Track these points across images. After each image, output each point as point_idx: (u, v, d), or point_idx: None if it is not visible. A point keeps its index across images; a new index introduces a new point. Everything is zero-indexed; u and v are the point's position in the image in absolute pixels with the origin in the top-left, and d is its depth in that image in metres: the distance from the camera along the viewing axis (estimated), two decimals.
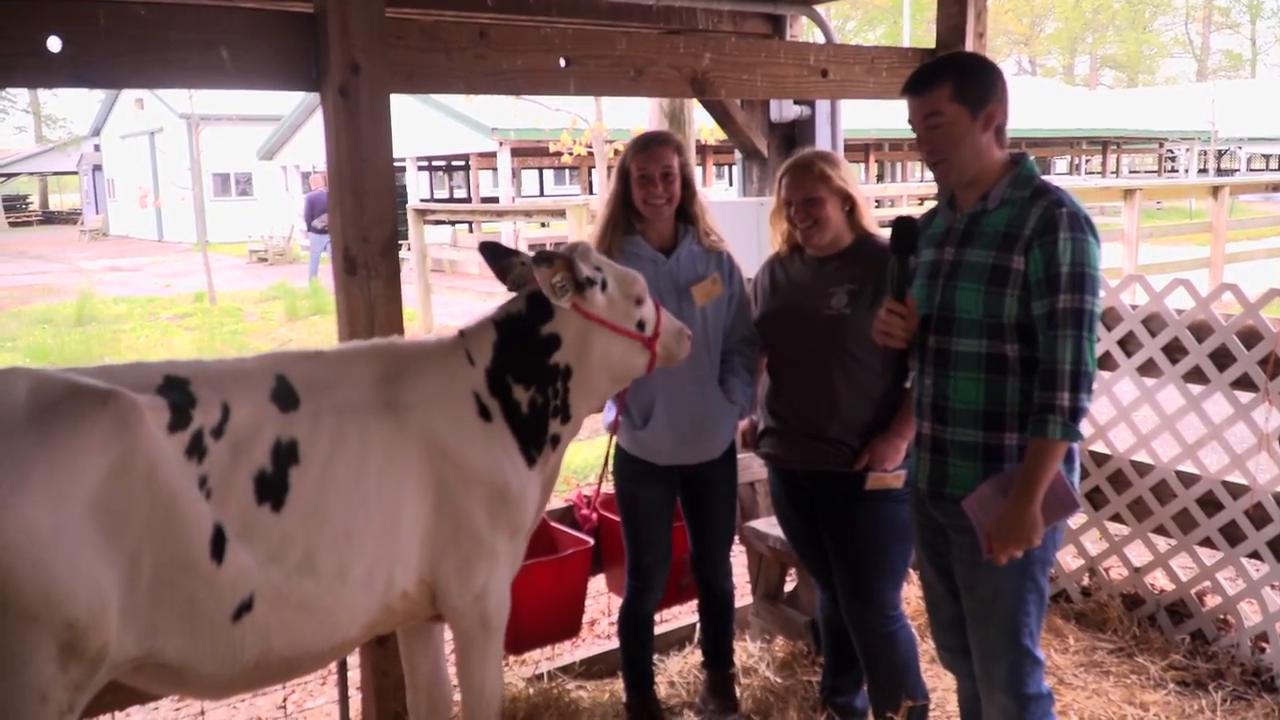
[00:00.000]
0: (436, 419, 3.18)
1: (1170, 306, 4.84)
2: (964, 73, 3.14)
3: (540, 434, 3.35)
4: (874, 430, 3.91)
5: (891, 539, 3.90)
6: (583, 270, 3.34)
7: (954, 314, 3.20)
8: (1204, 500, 4.79)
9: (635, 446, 4.12)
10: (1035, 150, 42.92)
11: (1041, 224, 3.02)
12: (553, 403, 3.37)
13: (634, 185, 4.01)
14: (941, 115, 3.13)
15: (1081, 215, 3.01)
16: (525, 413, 3.31)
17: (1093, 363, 2.99)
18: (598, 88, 4.42)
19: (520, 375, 3.32)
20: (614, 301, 3.43)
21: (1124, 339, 4.99)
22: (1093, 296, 2.98)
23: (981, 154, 3.16)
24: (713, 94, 4.72)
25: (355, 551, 2.98)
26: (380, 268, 3.80)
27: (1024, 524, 3.02)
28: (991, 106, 3.12)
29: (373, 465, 3.03)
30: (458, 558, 3.19)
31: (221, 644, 2.81)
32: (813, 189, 3.91)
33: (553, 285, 3.29)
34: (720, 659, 4.49)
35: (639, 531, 4.20)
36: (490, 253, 3.50)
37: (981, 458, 3.20)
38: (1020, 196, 3.13)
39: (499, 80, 4.12)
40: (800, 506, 4.13)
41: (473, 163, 29.98)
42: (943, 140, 3.15)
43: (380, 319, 3.80)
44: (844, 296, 3.87)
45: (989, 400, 3.17)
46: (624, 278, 3.48)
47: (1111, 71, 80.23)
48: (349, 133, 3.72)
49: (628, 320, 3.46)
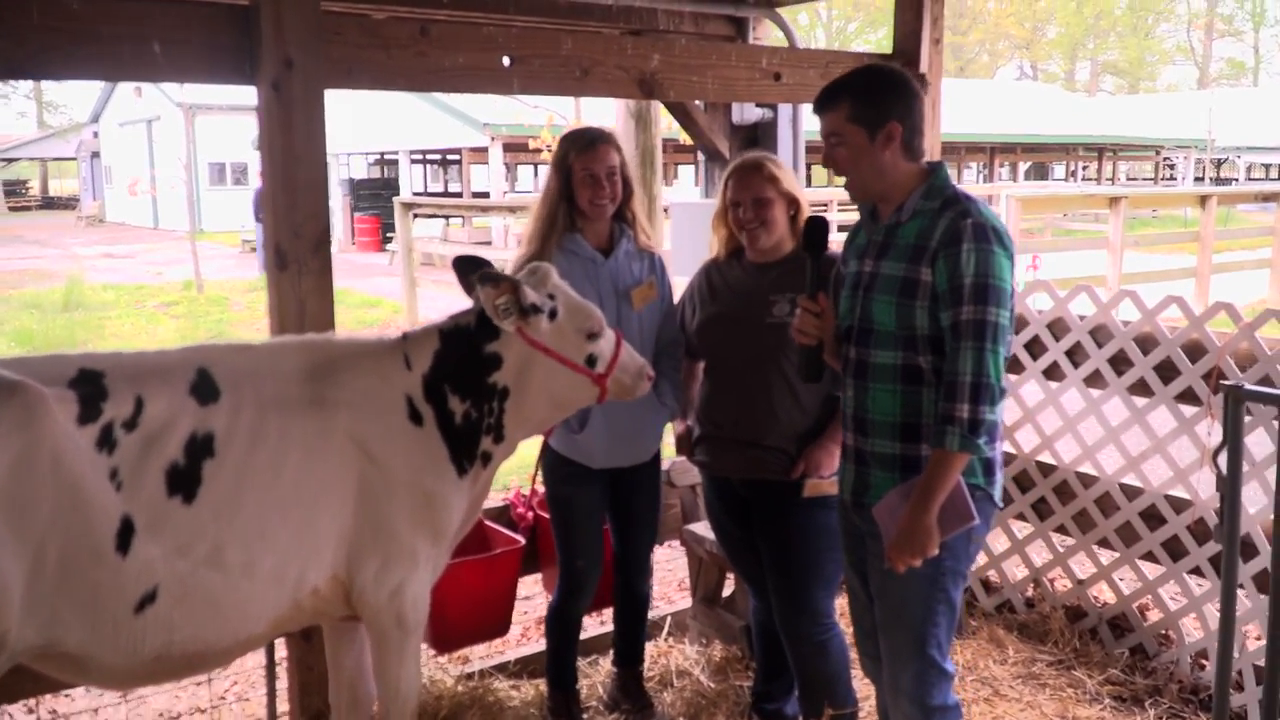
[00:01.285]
0: (363, 418, 3.17)
1: (1118, 319, 4.83)
2: (862, 92, 3.15)
3: (472, 446, 3.33)
4: (809, 438, 3.91)
5: (827, 546, 3.88)
6: (528, 296, 3.29)
7: (872, 326, 3.21)
8: (1147, 514, 4.78)
9: (570, 449, 4.11)
10: (1032, 156, 43.16)
11: (947, 235, 3.02)
12: (486, 420, 3.34)
13: (578, 185, 4.00)
14: (840, 135, 3.15)
15: (988, 226, 3.01)
16: (459, 423, 3.30)
17: (996, 374, 2.99)
18: (542, 87, 4.42)
19: (458, 387, 3.30)
20: (563, 333, 3.36)
21: (1071, 349, 4.97)
22: (998, 308, 2.98)
23: (884, 171, 3.16)
24: (661, 96, 4.71)
25: (266, 546, 2.98)
26: (311, 263, 3.81)
27: (918, 533, 3.03)
28: (890, 125, 3.12)
29: (292, 461, 3.03)
30: (376, 557, 3.18)
31: (123, 636, 2.82)
32: (762, 189, 3.91)
33: (495, 306, 3.25)
34: (632, 657, 4.50)
35: (573, 535, 4.19)
36: (462, 268, 3.43)
37: (900, 469, 3.21)
38: (930, 208, 3.13)
39: (440, 78, 4.11)
40: (735, 514, 4.12)
41: (465, 157, 30.00)
42: (843, 159, 3.17)
43: (311, 315, 3.81)
44: (786, 305, 3.85)
45: (905, 412, 3.18)
46: (578, 310, 3.41)
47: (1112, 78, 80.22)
48: (281, 128, 3.72)
49: (576, 353, 3.38)
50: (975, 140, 36.93)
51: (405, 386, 3.26)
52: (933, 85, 5.33)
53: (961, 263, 2.98)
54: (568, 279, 3.83)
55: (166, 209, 40.24)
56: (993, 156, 39.36)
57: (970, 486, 3.13)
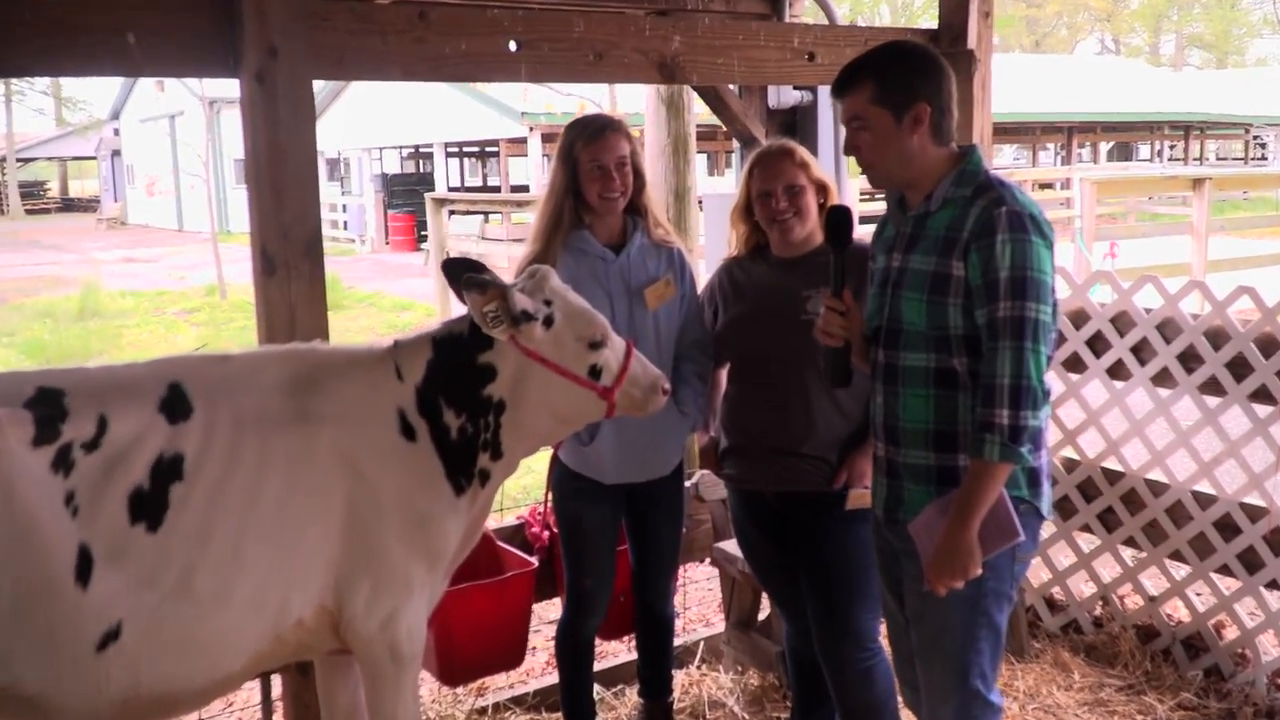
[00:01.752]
0: (351, 433, 3.12)
1: (1187, 311, 4.73)
2: (886, 71, 3.08)
3: (469, 463, 3.27)
4: (851, 444, 3.84)
5: (870, 564, 3.73)
6: (518, 303, 3.20)
7: (901, 326, 3.15)
8: (1221, 523, 4.68)
9: (579, 463, 4.05)
10: (1114, 136, 42.66)
11: (979, 225, 2.95)
12: (483, 435, 3.27)
13: (585, 177, 3.95)
14: (863, 120, 3.08)
15: (1025, 214, 2.94)
16: (454, 439, 3.24)
17: (1038, 375, 2.91)
18: (554, 74, 4.36)
19: (452, 399, 3.24)
20: (561, 341, 3.27)
21: (1136, 346, 4.87)
22: (1038, 303, 2.90)
23: (912, 158, 3.10)
24: (683, 79, 4.64)
25: (242, 574, 2.93)
26: (302, 267, 3.75)
27: (959, 552, 2.95)
28: (919, 106, 3.05)
29: (273, 481, 2.99)
30: (366, 584, 3.13)
31: (85, 676, 2.76)
32: (794, 175, 3.86)
33: (484, 314, 3.18)
34: (658, 687, 4.44)
35: (582, 554, 4.14)
36: (451, 272, 3.30)
37: (935, 481, 3.14)
38: (962, 196, 3.06)
39: (440, 66, 4.05)
40: (767, 531, 4.05)
41: (503, 149, 30.08)
42: (867, 146, 3.11)
43: (302, 324, 3.75)
44: (820, 301, 3.74)
45: (939, 419, 3.11)
46: (578, 317, 3.32)
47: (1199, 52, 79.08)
48: (266, 121, 3.67)
49: (577, 364, 3.29)
50: (1052, 119, 36.50)
51: (397, 399, 3.21)
52: (982, 63, 5.21)
53: (997, 254, 2.91)
54: (575, 279, 3.79)
55: (191, 210, 40.72)
56: (1071, 137, 38.86)
57: (1014, 499, 3.04)
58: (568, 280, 3.79)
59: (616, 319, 3.89)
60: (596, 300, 3.79)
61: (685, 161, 7.38)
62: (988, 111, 5.34)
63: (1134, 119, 39.35)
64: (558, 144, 4.09)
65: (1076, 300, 5.06)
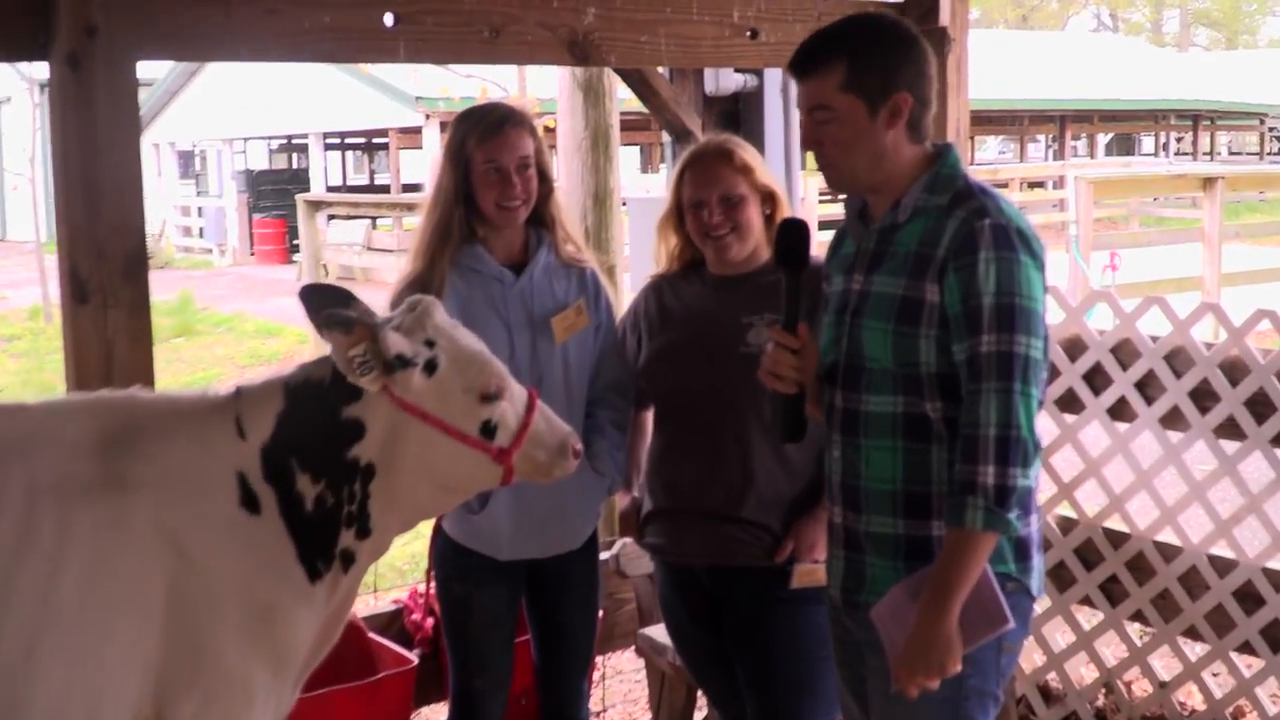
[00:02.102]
0: (176, 504, 3.00)
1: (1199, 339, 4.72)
2: (863, 50, 3.02)
3: (328, 542, 3.15)
4: (798, 508, 3.79)
5: (823, 654, 3.68)
6: (392, 345, 3.07)
7: (862, 362, 3.09)
8: (1241, 593, 4.65)
9: (467, 535, 3.96)
10: (1112, 126, 43.35)
11: (957, 241, 2.91)
12: (346, 507, 3.14)
13: (479, 181, 3.87)
14: (830, 110, 3.02)
15: (1011, 228, 2.91)
16: (310, 511, 3.12)
17: (1028, 425, 2.87)
18: (439, 53, 4.37)
19: (308, 462, 3.11)
20: (446, 392, 3.15)
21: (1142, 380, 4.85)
22: (1028, 336, 2.87)
23: (884, 157, 3.05)
24: (599, 60, 4.61)
25: (37, 686, 2.80)
26: (122, 293, 3.69)
27: (935, 644, 2.89)
28: (898, 96, 3.00)
29: (76, 564, 2.86)
30: (195, 694, 3.01)
31: None
32: (732, 183, 3.80)
33: (349, 360, 3.04)
34: None
35: (470, 647, 4.06)
36: (311, 302, 3.18)
37: (904, 555, 3.09)
38: (936, 205, 3.01)
39: (299, 44, 4.01)
40: (700, 614, 3.99)
41: (394, 140, 29.98)
42: (832, 141, 3.04)
43: (121, 363, 3.68)
44: (764, 330, 3.66)
45: (909, 477, 3.06)
46: (468, 363, 3.20)
47: (1206, 30, 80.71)
48: (78, 114, 3.61)
49: (466, 420, 3.17)
50: (1042, 108, 37.07)
51: (236, 461, 3.08)
52: (957, 42, 5.21)
53: (979, 277, 2.87)
54: (466, 306, 3.75)
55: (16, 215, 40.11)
56: (1064, 127, 39.48)
57: (999, 576, 2.99)
58: (457, 308, 3.73)
59: (517, 355, 3.84)
60: (492, 331, 3.72)
61: (606, 158, 7.37)
62: (964, 99, 5.35)
63: (1135, 107, 40.10)
64: (445, 140, 4.02)
65: (1071, 326, 5.04)
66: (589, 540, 4.09)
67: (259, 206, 31.66)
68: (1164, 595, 4.87)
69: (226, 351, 17.92)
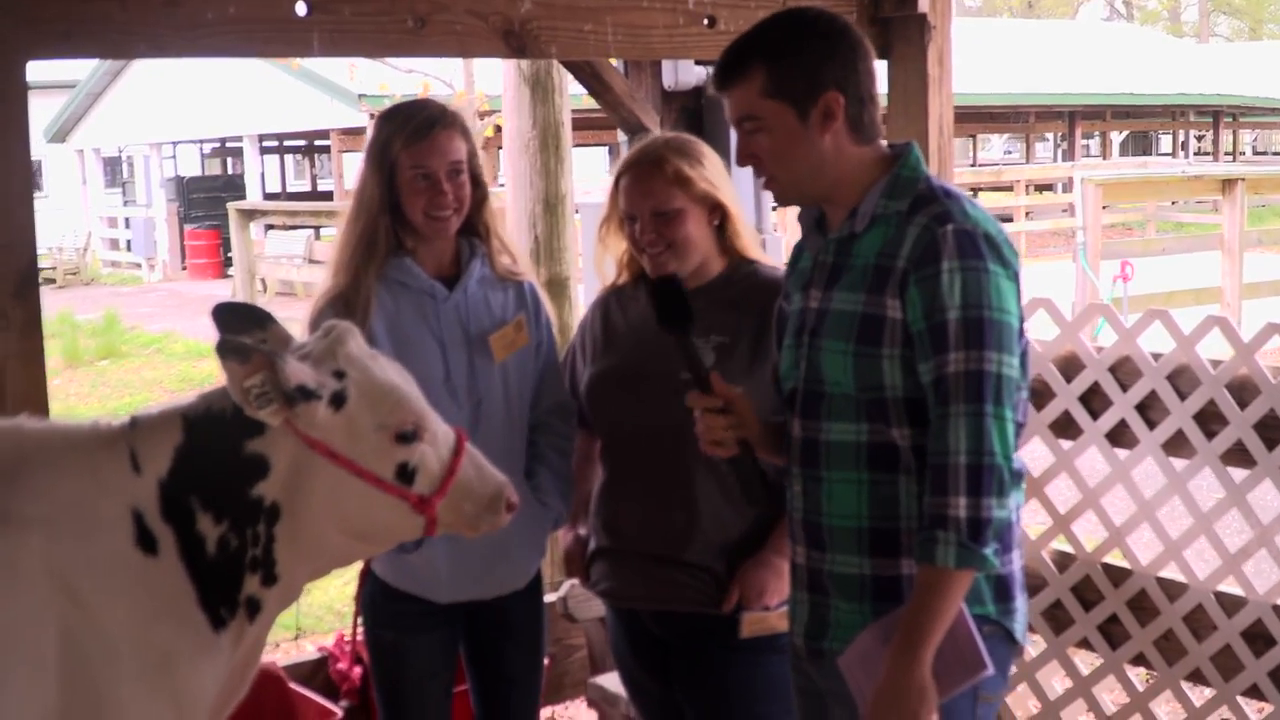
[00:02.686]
0: (68, 544, 2.95)
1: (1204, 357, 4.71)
2: (780, 53, 3.03)
3: (233, 589, 3.11)
4: (746, 549, 3.77)
5: (783, 709, 3.67)
6: (292, 376, 3.01)
7: (822, 387, 3.09)
8: (1250, 633, 4.63)
9: (401, 577, 3.94)
10: (1126, 124, 43.50)
11: (918, 250, 2.92)
12: (251, 551, 3.09)
13: (406, 189, 3.86)
14: (757, 119, 3.04)
15: (978, 233, 2.92)
16: (212, 553, 3.07)
17: (1003, 450, 2.87)
18: (358, 45, 4.34)
19: (210, 500, 3.07)
20: (355, 430, 3.08)
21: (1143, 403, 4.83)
22: (999, 352, 2.87)
23: (825, 163, 3.06)
24: (538, 52, 4.61)
25: None
26: (13, 314, 3.67)
27: (907, 693, 2.89)
28: (827, 96, 3.00)
29: None
30: None
31: None
32: (665, 197, 3.77)
33: (244, 391, 2.98)
34: None
35: (403, 702, 4.05)
36: (224, 321, 3.15)
37: (871, 597, 3.10)
38: (896, 211, 3.01)
39: (201, 37, 3.98)
40: (648, 661, 3.99)
41: (336, 142, 29.99)
42: (766, 152, 3.06)
43: (13, 389, 3.67)
44: (710, 354, 3.73)
45: (875, 512, 3.07)
46: (380, 398, 3.12)
47: (1227, 19, 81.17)
48: None
49: (378, 462, 3.10)
50: (1050, 103, 37.20)
51: (131, 497, 3.03)
52: (939, 30, 5.20)
53: (943, 289, 2.87)
54: (394, 323, 3.76)
55: None
56: (1074, 124, 39.65)
57: (977, 619, 2.99)
58: (384, 326, 3.72)
59: (453, 376, 3.84)
60: (425, 350, 3.75)
61: (557, 159, 7.37)
62: (947, 93, 5.34)
63: (1151, 102, 40.19)
64: (367, 141, 4.00)
65: (1066, 343, 5.03)
66: (534, 579, 4.08)
67: (190, 216, 31.68)
68: (1167, 636, 4.85)
69: (155, 375, 17.91)
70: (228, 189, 32.02)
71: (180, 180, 33.75)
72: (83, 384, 17.76)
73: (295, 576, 3.18)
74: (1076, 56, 40.35)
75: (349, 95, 25.04)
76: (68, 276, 30.94)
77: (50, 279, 30.55)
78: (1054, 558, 5.13)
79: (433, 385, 3.56)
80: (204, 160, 39.53)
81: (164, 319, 22.78)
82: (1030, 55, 37.47)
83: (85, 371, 18.57)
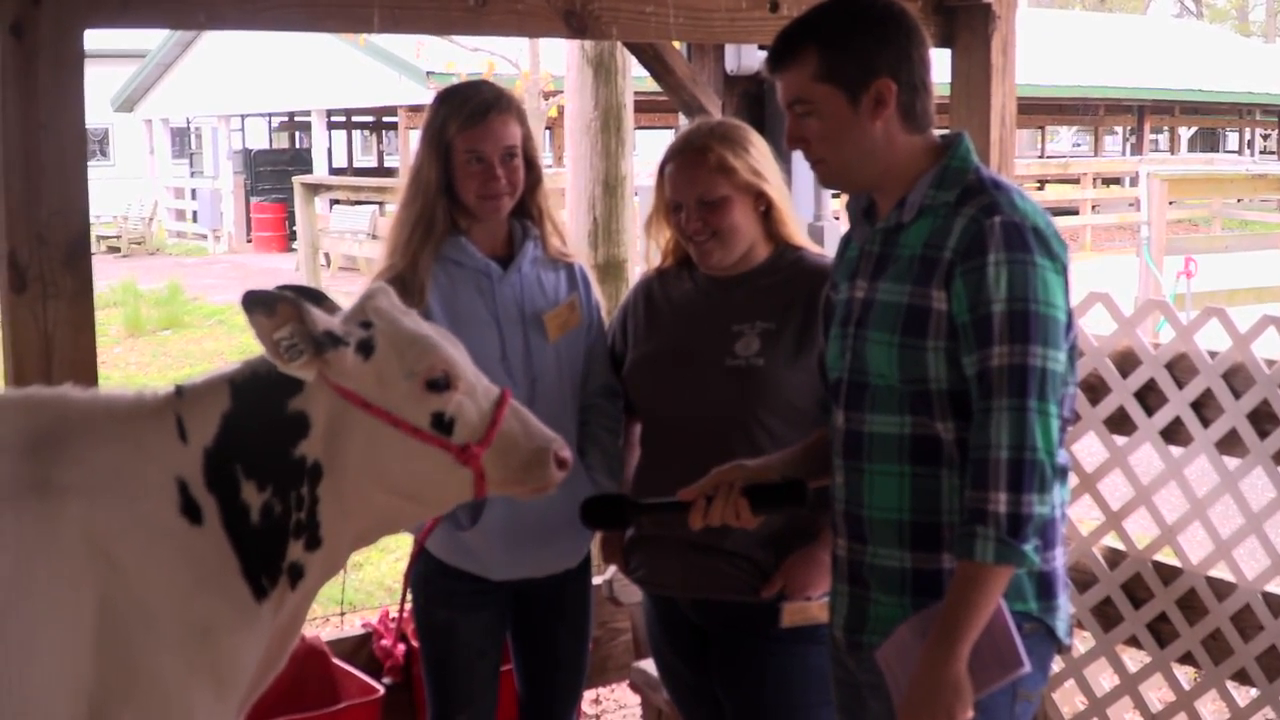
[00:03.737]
0: (108, 511, 2.96)
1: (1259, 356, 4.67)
2: (833, 37, 3.02)
3: (275, 556, 3.10)
4: (790, 540, 3.75)
5: (818, 700, 3.68)
6: (318, 321, 2.99)
7: (867, 379, 3.08)
8: None
9: (455, 554, 3.93)
10: (1194, 120, 43.11)
11: (965, 242, 2.89)
12: (295, 515, 3.08)
13: (460, 170, 3.88)
14: (808, 102, 3.02)
15: (1026, 225, 2.89)
16: (255, 522, 3.07)
17: (1045, 446, 2.84)
18: (418, 23, 4.39)
19: (254, 467, 3.06)
20: (385, 378, 3.06)
21: (1199, 400, 4.80)
22: (1044, 347, 2.84)
23: (875, 150, 3.04)
24: (599, 33, 4.61)
25: None
26: (63, 282, 3.69)
27: (942, 688, 2.87)
28: (879, 82, 2.99)
29: None
30: (127, 717, 2.97)
31: None
32: (710, 186, 3.75)
33: (275, 343, 2.97)
34: None
35: (454, 678, 4.05)
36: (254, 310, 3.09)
37: (910, 591, 3.08)
38: (944, 202, 2.99)
39: (261, 10, 4.01)
40: (684, 649, 3.98)
41: (403, 119, 30.06)
42: (816, 137, 3.05)
43: (62, 357, 3.69)
44: (755, 340, 3.73)
45: (917, 506, 3.05)
46: (407, 345, 3.09)
47: None
48: (21, 88, 3.62)
49: (412, 410, 3.06)
50: (1119, 96, 36.91)
51: (176, 466, 3.04)
52: (1003, 20, 5.18)
53: (988, 281, 2.85)
54: (452, 302, 3.78)
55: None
56: (1143, 118, 39.39)
57: (1016, 615, 2.97)
58: (440, 303, 3.72)
59: (509, 354, 3.85)
60: (481, 328, 3.76)
61: (619, 141, 7.36)
62: (1010, 84, 5.32)
63: (1219, 99, 39.83)
64: (424, 123, 4.00)
65: (1123, 338, 4.98)
66: (584, 560, 4.09)
67: (257, 189, 31.81)
68: (1215, 635, 4.82)
69: (216, 346, 18.02)
70: (294, 163, 32.12)
71: (247, 153, 33.91)
72: (144, 353, 17.90)
73: (340, 540, 3.16)
74: (1146, 51, 40.07)
75: (417, 72, 25.10)
76: (133, 246, 31.14)
77: (115, 248, 30.87)
78: (1105, 554, 5.10)
79: (489, 363, 3.53)
80: (272, 134, 39.70)
81: (227, 291, 22.86)
82: (1101, 49, 37.18)
83: (147, 341, 18.72)
